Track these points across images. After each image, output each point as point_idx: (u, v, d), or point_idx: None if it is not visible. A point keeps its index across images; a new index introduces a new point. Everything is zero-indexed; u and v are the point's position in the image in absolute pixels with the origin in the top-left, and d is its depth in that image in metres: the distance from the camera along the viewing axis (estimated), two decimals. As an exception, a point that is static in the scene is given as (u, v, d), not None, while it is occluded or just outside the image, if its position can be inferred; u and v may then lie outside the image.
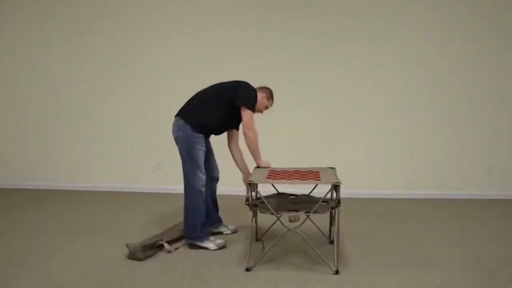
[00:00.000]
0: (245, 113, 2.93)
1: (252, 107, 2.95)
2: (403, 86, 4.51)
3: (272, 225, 3.24)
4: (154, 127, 4.83)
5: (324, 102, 4.60)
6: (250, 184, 2.61)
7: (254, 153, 3.01)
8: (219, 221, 3.35)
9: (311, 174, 2.81)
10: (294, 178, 2.66)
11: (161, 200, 4.48)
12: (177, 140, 3.00)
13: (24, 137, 5.09)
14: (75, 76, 4.93)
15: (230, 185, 4.67)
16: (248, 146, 2.99)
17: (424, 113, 4.51)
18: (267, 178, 2.70)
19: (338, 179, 2.65)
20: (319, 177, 2.73)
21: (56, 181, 5.06)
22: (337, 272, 2.53)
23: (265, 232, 3.19)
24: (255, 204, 2.72)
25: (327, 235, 3.20)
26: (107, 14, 4.81)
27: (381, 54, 4.50)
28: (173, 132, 3.01)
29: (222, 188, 4.68)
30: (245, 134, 2.94)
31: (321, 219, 3.49)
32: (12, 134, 5.11)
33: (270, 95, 3.17)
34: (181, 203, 4.32)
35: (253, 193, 2.68)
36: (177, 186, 4.80)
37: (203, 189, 3.00)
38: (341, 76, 4.56)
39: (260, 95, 3.07)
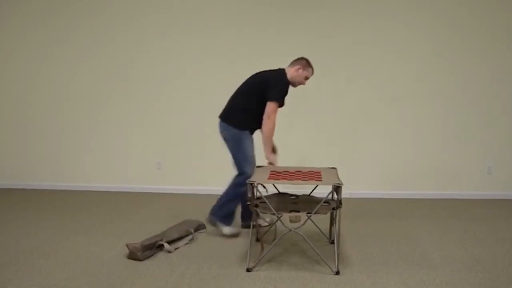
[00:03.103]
0: (270, 104, 3.01)
1: (279, 99, 3.04)
2: (403, 87, 4.51)
3: (272, 225, 3.23)
4: (154, 127, 4.83)
5: (324, 103, 4.60)
6: (251, 184, 2.61)
7: (267, 143, 3.07)
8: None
9: (313, 175, 2.81)
10: (296, 179, 2.66)
11: (161, 200, 4.48)
12: (225, 139, 3.18)
13: (24, 137, 5.08)
14: (75, 76, 4.92)
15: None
16: (263, 135, 3.07)
17: (424, 113, 4.51)
18: (269, 178, 2.69)
19: (340, 180, 2.65)
20: (320, 177, 2.73)
21: (56, 181, 5.05)
22: (337, 273, 2.53)
23: (265, 233, 3.19)
24: (256, 204, 2.72)
25: (328, 235, 3.20)
26: (107, 14, 4.80)
27: (381, 54, 4.50)
28: (220, 132, 3.20)
29: (222, 188, 4.69)
30: (264, 122, 3.04)
31: (322, 219, 3.49)
32: (12, 134, 5.10)
33: (306, 63, 3.18)
34: (181, 203, 4.34)
35: (254, 193, 2.67)
36: (177, 186, 4.82)
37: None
38: (341, 77, 4.56)
39: (293, 69, 3.13)
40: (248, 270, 2.59)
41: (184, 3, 4.69)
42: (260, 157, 3.22)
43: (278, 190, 3.17)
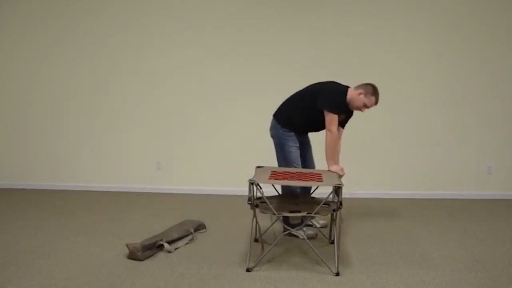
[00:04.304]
0: (326, 115, 3.04)
1: (333, 109, 3.02)
2: (403, 87, 4.51)
3: (271, 225, 3.24)
4: (154, 127, 4.83)
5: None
6: (252, 184, 2.61)
7: (328, 154, 3.08)
8: None
9: (313, 176, 2.81)
10: (296, 179, 2.66)
11: (161, 200, 4.48)
12: (272, 137, 3.25)
13: (24, 137, 5.08)
14: (75, 76, 4.92)
15: (230, 185, 4.68)
16: (325, 146, 3.09)
17: (424, 113, 4.52)
18: (269, 178, 2.70)
19: (341, 181, 2.65)
20: (321, 178, 2.73)
21: (56, 181, 5.05)
22: (337, 274, 2.53)
23: (264, 232, 3.19)
24: (256, 204, 2.72)
25: (328, 235, 3.20)
26: (107, 14, 4.80)
27: (381, 54, 4.50)
28: (269, 129, 3.27)
29: (223, 188, 4.71)
30: (326, 134, 3.08)
31: (322, 219, 3.49)
32: (12, 134, 5.11)
33: (370, 91, 3.08)
34: (180, 203, 4.34)
35: (255, 193, 2.67)
36: (177, 186, 4.82)
37: None
38: (340, 77, 4.55)
39: (355, 92, 3.08)
40: (248, 270, 2.59)
41: (184, 3, 4.68)
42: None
43: (278, 192, 3.17)
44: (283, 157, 3.16)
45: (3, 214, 3.95)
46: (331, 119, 3.03)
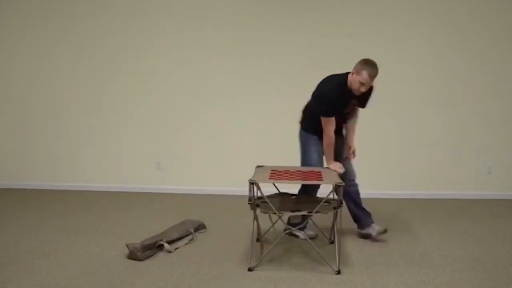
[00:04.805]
0: (322, 120, 3.02)
1: (323, 114, 3.00)
2: (403, 87, 4.51)
3: (273, 224, 3.23)
4: (154, 127, 4.83)
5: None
6: (252, 184, 2.60)
7: (326, 154, 3.09)
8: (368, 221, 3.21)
9: (313, 174, 2.81)
10: (296, 178, 2.66)
11: (161, 200, 4.48)
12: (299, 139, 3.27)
13: (24, 137, 5.08)
14: (75, 76, 4.92)
15: (230, 185, 4.68)
16: (323, 147, 3.10)
17: (424, 113, 4.52)
18: (269, 177, 2.70)
19: (341, 180, 2.66)
20: (321, 177, 2.73)
21: (56, 181, 5.05)
22: (338, 272, 2.53)
23: (265, 233, 3.19)
24: (257, 203, 2.72)
25: (328, 235, 3.20)
26: (107, 14, 4.80)
27: (381, 54, 4.50)
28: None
29: (223, 188, 4.71)
30: (323, 136, 3.07)
31: (322, 219, 3.49)
32: (12, 134, 5.10)
33: (360, 67, 2.88)
34: (180, 203, 4.34)
35: (255, 193, 2.67)
36: (177, 186, 4.82)
37: None
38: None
39: (350, 76, 2.97)
40: (250, 270, 2.59)
41: (184, 3, 4.68)
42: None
43: (278, 190, 3.17)
44: (302, 159, 3.19)
45: (3, 214, 3.95)
46: (325, 122, 3.01)
